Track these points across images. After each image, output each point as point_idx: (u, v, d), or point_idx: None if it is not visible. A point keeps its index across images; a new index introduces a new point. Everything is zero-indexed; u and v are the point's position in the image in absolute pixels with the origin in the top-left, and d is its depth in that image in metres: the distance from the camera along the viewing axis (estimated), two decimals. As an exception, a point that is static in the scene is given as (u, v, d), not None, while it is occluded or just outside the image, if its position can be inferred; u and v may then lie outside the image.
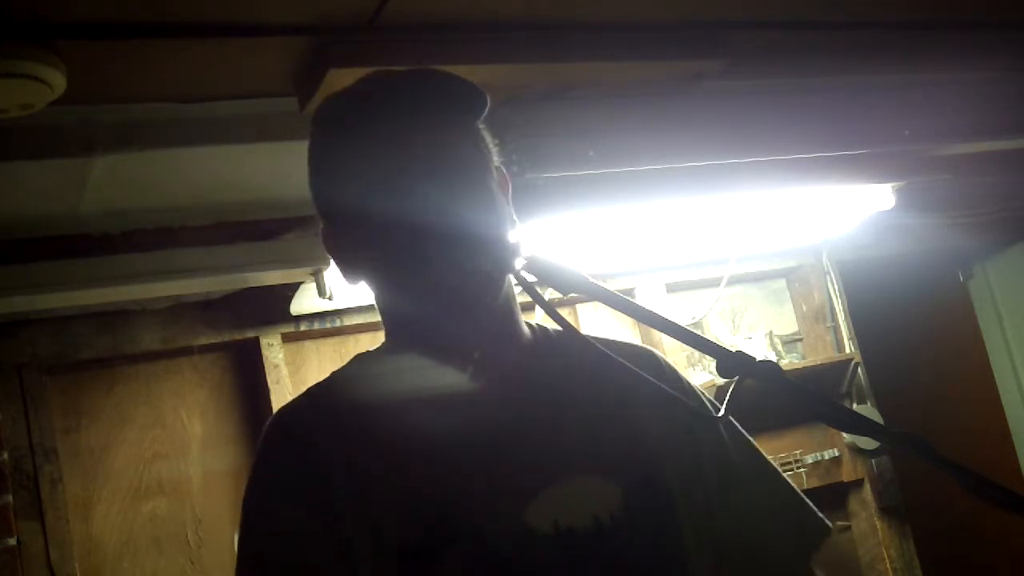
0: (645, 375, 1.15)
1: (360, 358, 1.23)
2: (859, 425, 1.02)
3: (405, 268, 1.14)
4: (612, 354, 1.13)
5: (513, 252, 1.11)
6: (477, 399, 1.15)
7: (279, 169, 2.13)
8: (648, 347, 1.33)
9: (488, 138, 1.21)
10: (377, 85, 1.19)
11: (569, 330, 1.16)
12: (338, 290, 2.47)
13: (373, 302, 1.26)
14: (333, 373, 1.22)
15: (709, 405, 1.26)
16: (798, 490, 1.30)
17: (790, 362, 3.24)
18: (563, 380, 1.20)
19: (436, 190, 1.11)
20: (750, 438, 1.31)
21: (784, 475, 1.32)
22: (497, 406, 1.15)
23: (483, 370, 1.16)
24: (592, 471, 1.14)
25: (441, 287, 1.12)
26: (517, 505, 1.09)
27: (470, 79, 1.21)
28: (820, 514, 1.29)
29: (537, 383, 1.19)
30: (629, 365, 1.13)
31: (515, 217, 1.20)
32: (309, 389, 1.20)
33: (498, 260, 1.10)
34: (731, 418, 1.27)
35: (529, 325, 1.24)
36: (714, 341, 1.07)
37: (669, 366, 1.29)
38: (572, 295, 1.14)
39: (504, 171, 1.23)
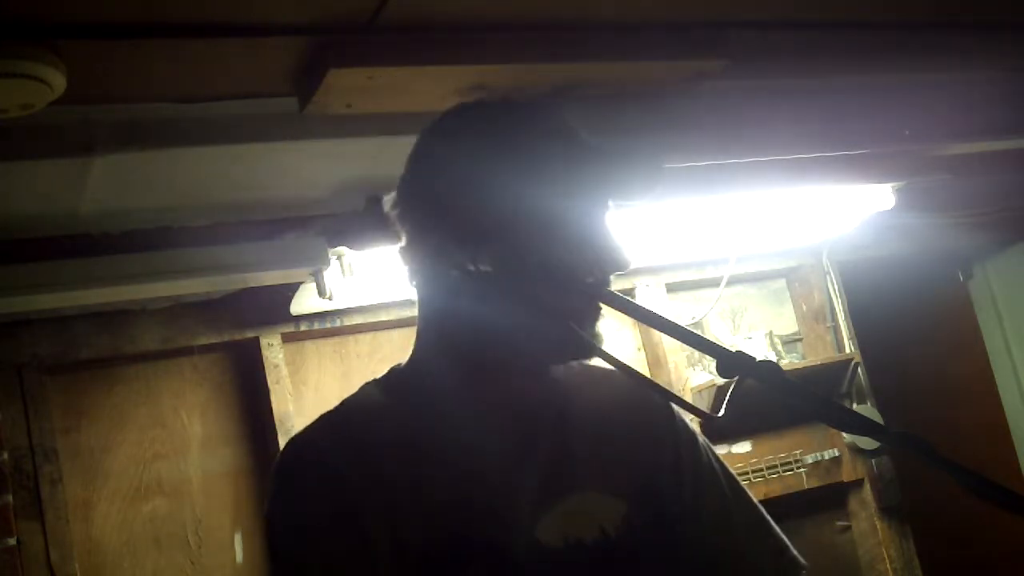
0: (657, 381, 1.18)
1: (369, 385, 1.23)
2: (859, 425, 1.02)
3: (532, 309, 1.11)
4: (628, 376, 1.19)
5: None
6: (498, 419, 1.17)
7: (279, 169, 2.13)
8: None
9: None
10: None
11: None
12: (338, 290, 2.47)
13: (372, 302, 1.27)
14: (344, 400, 1.22)
15: (701, 438, 1.30)
16: (777, 529, 1.32)
17: (790, 362, 3.24)
18: (571, 401, 1.23)
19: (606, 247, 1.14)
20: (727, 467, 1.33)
21: (764, 511, 1.34)
22: (516, 426, 1.17)
23: (510, 393, 1.19)
24: (598, 487, 1.17)
25: (554, 338, 1.13)
26: (531, 520, 1.12)
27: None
28: (795, 551, 1.31)
29: (548, 403, 1.21)
30: (647, 376, 1.16)
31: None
32: (322, 416, 1.20)
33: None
34: (720, 457, 1.30)
35: None
36: (714, 341, 1.08)
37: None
38: (572, 295, 1.15)
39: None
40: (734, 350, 1.06)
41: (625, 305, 1.11)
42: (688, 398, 3.03)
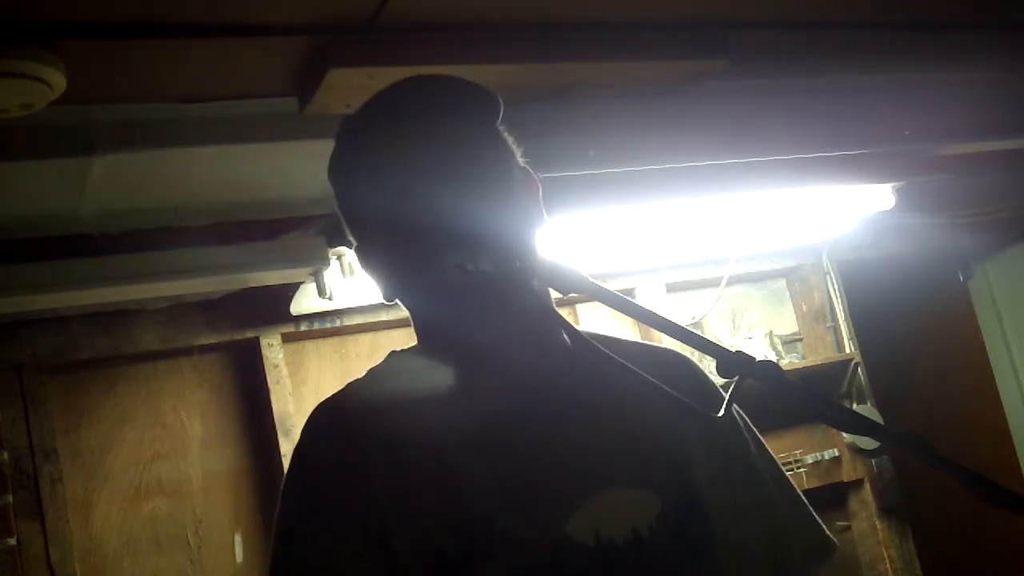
0: (675, 393, 1.13)
1: (395, 355, 1.22)
2: (859, 425, 1.02)
3: (412, 270, 1.15)
4: (639, 363, 1.13)
5: (523, 252, 1.11)
6: (515, 409, 1.15)
7: (279, 169, 2.13)
8: (682, 353, 1.31)
9: (509, 140, 1.21)
10: (392, 94, 1.19)
11: (579, 337, 1.16)
12: (338, 290, 2.47)
13: (372, 302, 1.27)
14: (371, 369, 1.21)
15: (737, 414, 1.28)
16: (809, 505, 1.31)
17: (790, 362, 3.24)
18: (600, 389, 1.19)
19: (444, 193, 1.11)
20: (767, 448, 1.32)
21: (797, 488, 1.33)
22: (535, 416, 1.15)
23: (516, 377, 1.16)
24: (630, 482, 1.14)
25: (445, 288, 1.12)
26: (558, 516, 1.10)
27: (471, 79, 1.21)
28: (828, 532, 1.30)
29: (574, 392, 1.18)
30: (659, 382, 1.11)
31: (544, 216, 1.21)
32: (350, 384, 1.19)
33: (499, 261, 1.09)
34: (752, 427, 1.29)
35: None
36: (714, 341, 1.07)
37: (703, 372, 1.30)
38: (572, 295, 1.14)
39: (531, 171, 1.22)
40: (734, 350, 1.06)
41: (625, 305, 1.11)
42: (688, 398, 3.02)
